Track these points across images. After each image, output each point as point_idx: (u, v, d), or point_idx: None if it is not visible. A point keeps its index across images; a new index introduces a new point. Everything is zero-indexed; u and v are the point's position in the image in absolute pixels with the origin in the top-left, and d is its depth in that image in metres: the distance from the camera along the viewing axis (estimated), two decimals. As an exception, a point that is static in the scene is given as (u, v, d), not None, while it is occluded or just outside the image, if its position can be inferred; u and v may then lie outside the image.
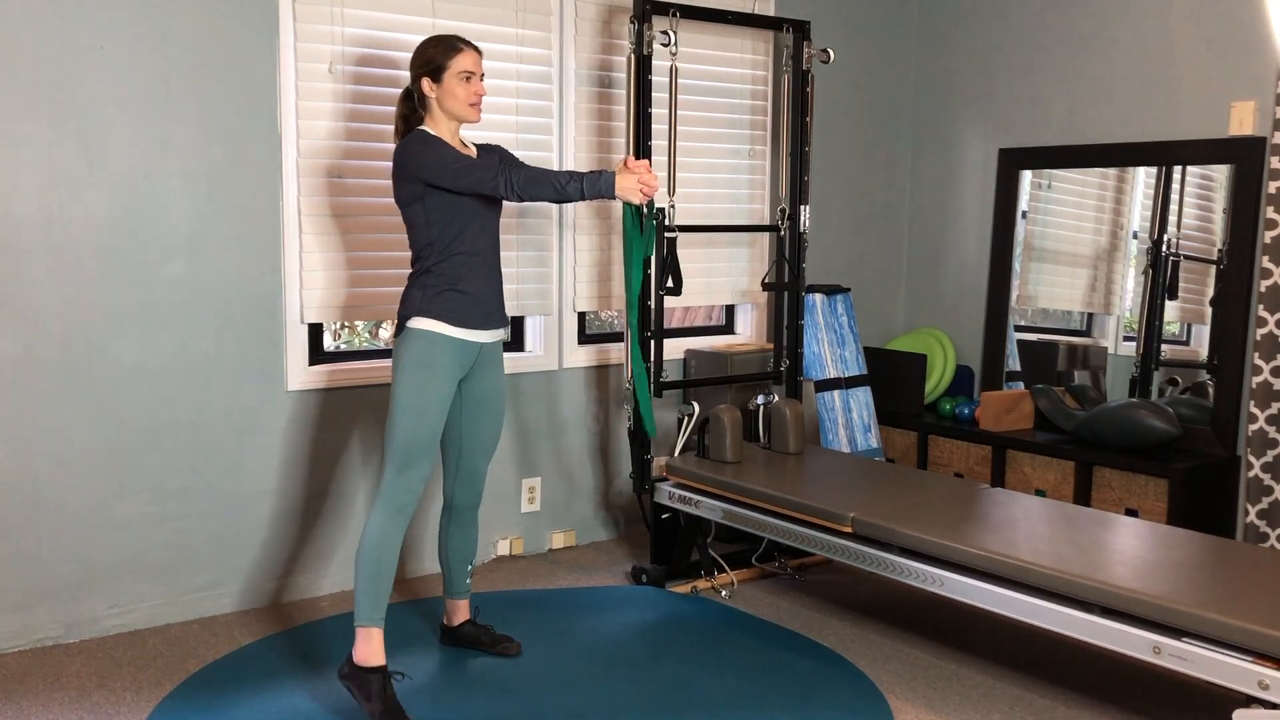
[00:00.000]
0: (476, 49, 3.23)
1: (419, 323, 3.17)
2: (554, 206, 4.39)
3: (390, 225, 3.98)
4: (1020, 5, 5.02)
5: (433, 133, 3.20)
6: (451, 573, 3.52)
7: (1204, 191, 4.51)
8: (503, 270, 3.36)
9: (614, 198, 3.16)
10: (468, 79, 3.19)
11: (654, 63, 4.16)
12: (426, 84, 3.20)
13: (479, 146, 3.38)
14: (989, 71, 5.16)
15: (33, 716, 3.09)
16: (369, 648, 3.10)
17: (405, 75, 3.96)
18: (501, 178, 3.09)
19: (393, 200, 3.32)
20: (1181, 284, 4.56)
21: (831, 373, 4.91)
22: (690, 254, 4.62)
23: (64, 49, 3.43)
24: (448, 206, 3.17)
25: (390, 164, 3.29)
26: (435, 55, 3.19)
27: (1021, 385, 5.05)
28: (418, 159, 3.13)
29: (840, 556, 3.57)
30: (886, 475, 4.08)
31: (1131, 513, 4.28)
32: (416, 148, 3.15)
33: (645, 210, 3.43)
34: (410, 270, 3.26)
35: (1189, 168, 4.50)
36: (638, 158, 4.10)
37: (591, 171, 3.16)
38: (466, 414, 3.35)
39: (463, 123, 3.26)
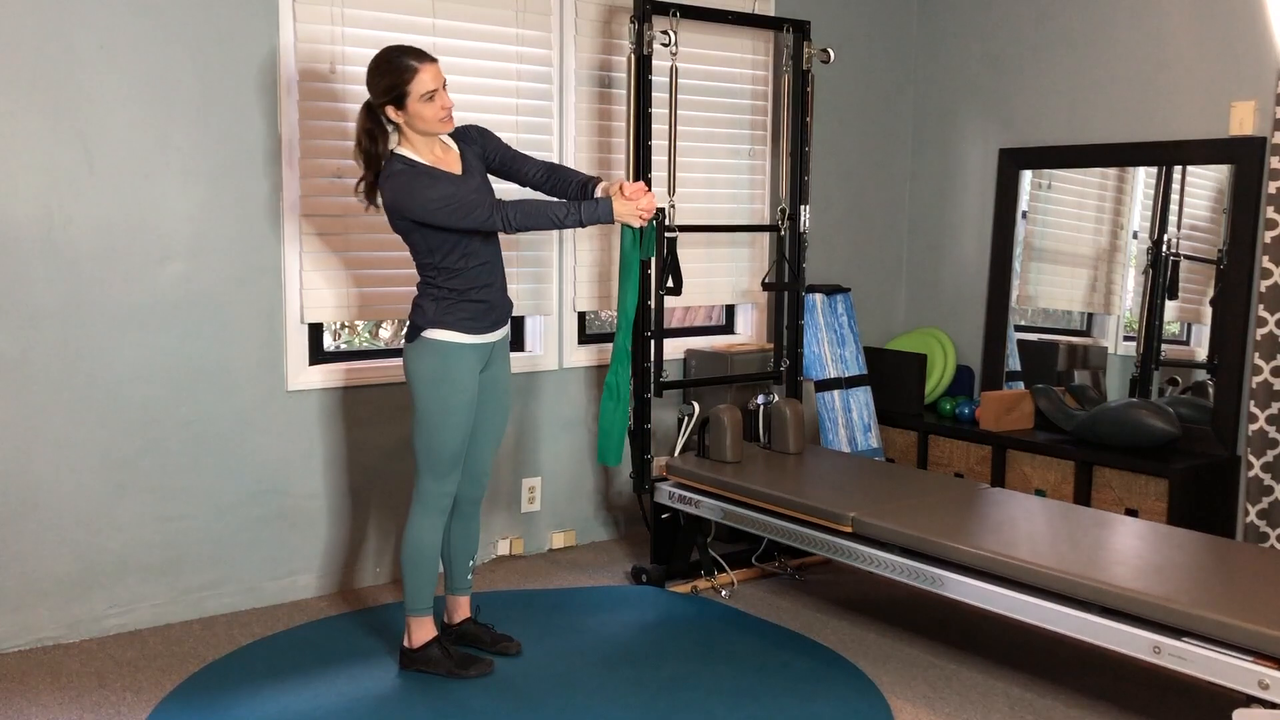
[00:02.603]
0: (432, 59, 3.12)
1: (434, 333, 3.21)
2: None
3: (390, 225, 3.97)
4: (1020, 5, 5.02)
5: (410, 156, 3.15)
6: (453, 568, 3.52)
7: (1204, 191, 4.51)
8: (504, 270, 3.37)
9: (613, 222, 3.23)
10: (431, 97, 3.08)
11: (654, 63, 4.16)
12: (392, 112, 3.11)
13: (458, 138, 3.30)
14: (989, 71, 5.16)
15: (33, 716, 3.09)
16: (421, 632, 3.37)
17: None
18: (497, 215, 3.10)
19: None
20: (1181, 284, 4.56)
21: (831, 373, 4.91)
22: (690, 254, 4.61)
23: (64, 48, 3.43)
24: (444, 230, 3.15)
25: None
26: (394, 82, 3.07)
27: (1021, 385, 5.05)
28: (407, 201, 3.09)
29: (840, 556, 3.57)
30: (886, 475, 4.08)
31: (1131, 513, 4.28)
32: (403, 185, 3.09)
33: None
34: (419, 280, 3.28)
35: (1189, 168, 4.50)
36: (638, 158, 4.12)
37: (587, 201, 3.21)
38: (475, 408, 3.35)
39: (436, 134, 3.18)
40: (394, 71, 3.08)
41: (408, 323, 3.29)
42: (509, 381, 3.46)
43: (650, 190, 3.36)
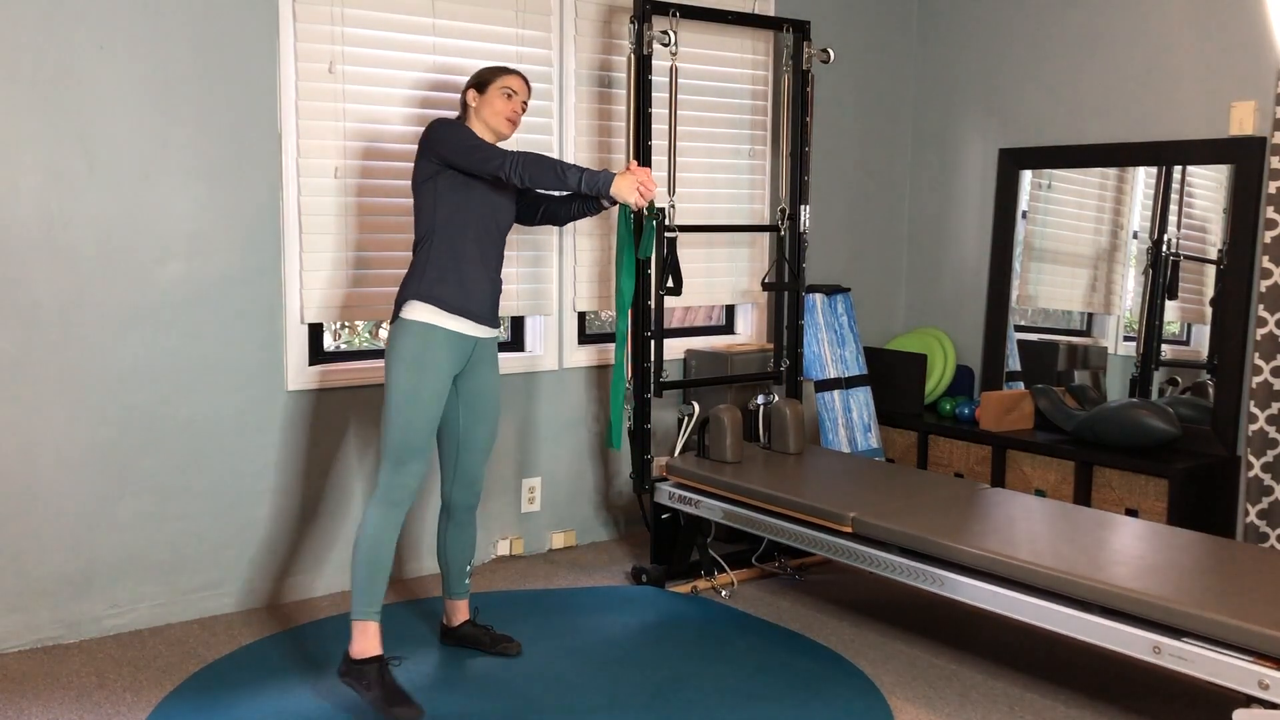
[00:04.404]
0: (528, 81, 3.38)
1: (414, 311, 3.18)
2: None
3: (390, 225, 3.98)
4: (1020, 5, 5.02)
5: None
6: (450, 574, 3.52)
7: (1204, 191, 4.51)
8: (503, 271, 3.37)
9: (609, 194, 3.17)
10: (509, 96, 3.31)
11: (654, 63, 4.16)
12: (471, 94, 3.34)
13: None
14: (989, 71, 5.16)
15: (33, 716, 3.09)
16: (365, 641, 3.14)
17: (405, 74, 3.98)
18: (508, 159, 3.14)
19: (393, 200, 3.34)
20: (1181, 284, 4.56)
21: (831, 373, 4.91)
22: (690, 254, 4.62)
23: (64, 49, 3.43)
24: (457, 192, 3.22)
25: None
26: (487, 73, 3.35)
27: (1021, 385, 5.05)
28: (439, 133, 3.22)
29: (840, 556, 3.57)
30: (886, 475, 4.08)
31: (1131, 513, 4.28)
32: (443, 124, 3.25)
33: (645, 211, 3.43)
34: (411, 258, 3.30)
35: (1189, 168, 4.50)
36: (638, 158, 4.12)
37: (591, 169, 3.20)
38: (464, 413, 3.36)
39: (498, 137, 3.33)
40: (492, 69, 3.38)
41: (394, 306, 3.28)
42: (498, 388, 3.44)
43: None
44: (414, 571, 4.26)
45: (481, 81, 3.33)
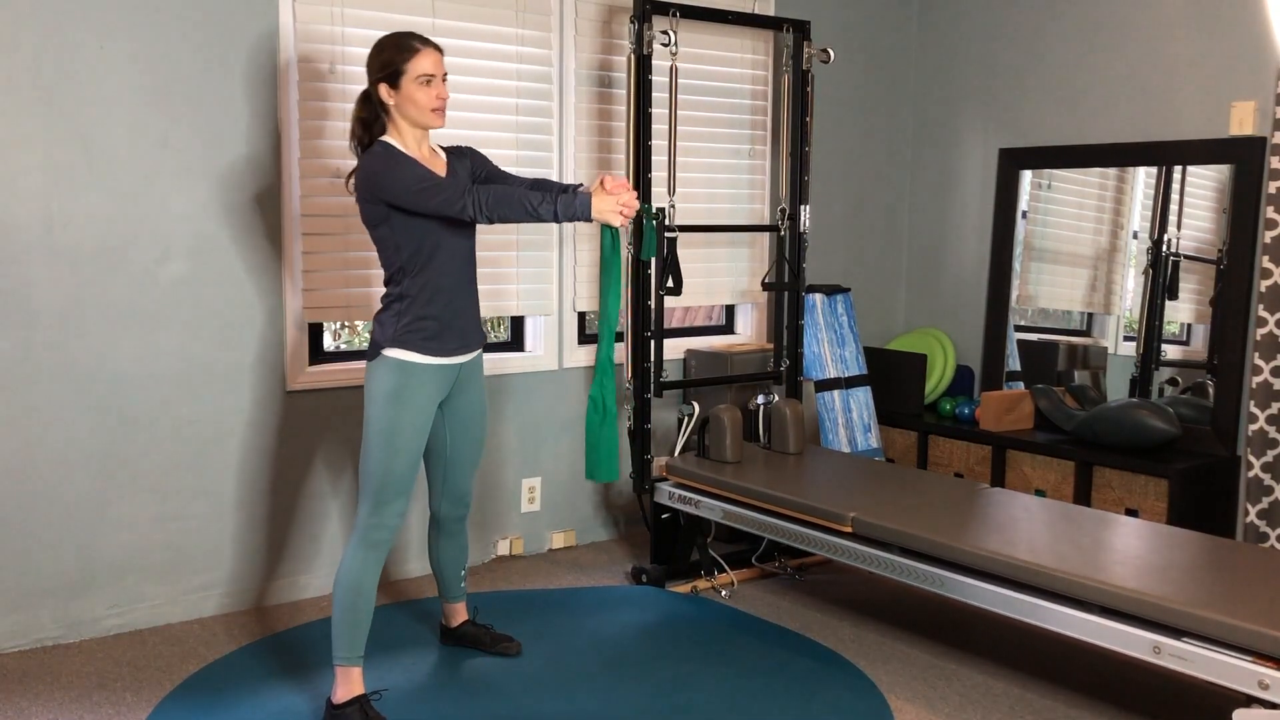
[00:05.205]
0: (437, 47, 3.04)
1: (394, 353, 3.03)
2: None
3: (390, 225, 3.97)
4: (1020, 5, 5.02)
5: (395, 145, 3.03)
6: (445, 580, 3.50)
7: (1204, 191, 4.51)
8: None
9: (590, 220, 2.97)
10: (428, 82, 2.99)
11: (654, 63, 4.16)
12: (384, 90, 3.00)
13: (448, 150, 3.22)
14: (989, 71, 5.16)
15: (33, 716, 3.09)
16: (347, 687, 3.03)
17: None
18: (469, 198, 2.89)
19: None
20: (1181, 284, 4.56)
21: (831, 373, 4.90)
22: (690, 254, 4.61)
23: (64, 49, 3.43)
24: (415, 228, 2.99)
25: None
26: (392, 58, 2.98)
27: (1021, 385, 5.05)
28: (378, 179, 2.95)
29: (840, 556, 3.57)
30: (886, 475, 4.08)
31: (1131, 513, 4.28)
32: (379, 162, 2.97)
33: (644, 214, 3.41)
34: (383, 292, 3.10)
35: (1189, 168, 4.50)
36: (638, 158, 4.11)
37: (566, 191, 3.04)
38: (451, 431, 3.27)
39: (427, 129, 3.08)
40: (394, 48, 3.00)
41: (369, 340, 3.10)
42: (485, 404, 3.33)
43: (634, 188, 3.14)
44: (405, 574, 4.26)
45: (392, 72, 2.97)
